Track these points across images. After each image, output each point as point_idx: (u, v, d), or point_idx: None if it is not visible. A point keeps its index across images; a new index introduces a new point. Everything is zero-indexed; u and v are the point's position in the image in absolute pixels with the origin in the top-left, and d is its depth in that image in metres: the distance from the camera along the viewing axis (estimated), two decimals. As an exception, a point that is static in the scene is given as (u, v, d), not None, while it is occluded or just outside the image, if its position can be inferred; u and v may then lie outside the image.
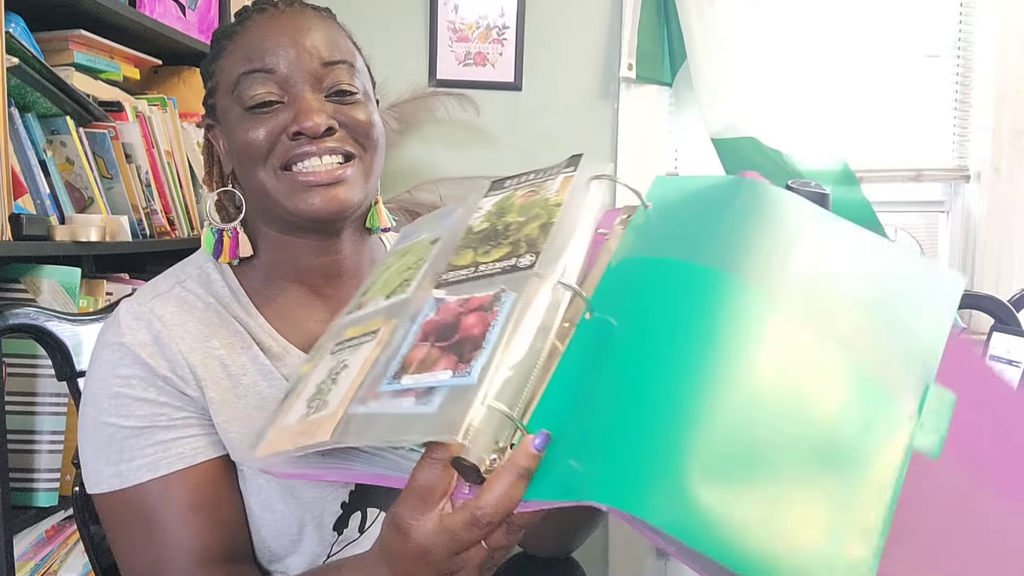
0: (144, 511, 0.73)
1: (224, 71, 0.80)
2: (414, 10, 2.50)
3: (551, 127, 2.52)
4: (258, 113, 0.77)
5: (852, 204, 2.42)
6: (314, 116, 0.76)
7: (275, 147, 0.77)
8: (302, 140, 0.76)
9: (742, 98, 2.39)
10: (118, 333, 0.76)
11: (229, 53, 0.80)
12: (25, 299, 1.32)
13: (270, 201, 0.79)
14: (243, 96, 0.77)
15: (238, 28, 0.80)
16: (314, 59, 0.77)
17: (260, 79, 0.77)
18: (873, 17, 2.52)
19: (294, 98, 0.77)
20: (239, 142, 0.78)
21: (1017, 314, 1.66)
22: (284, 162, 0.77)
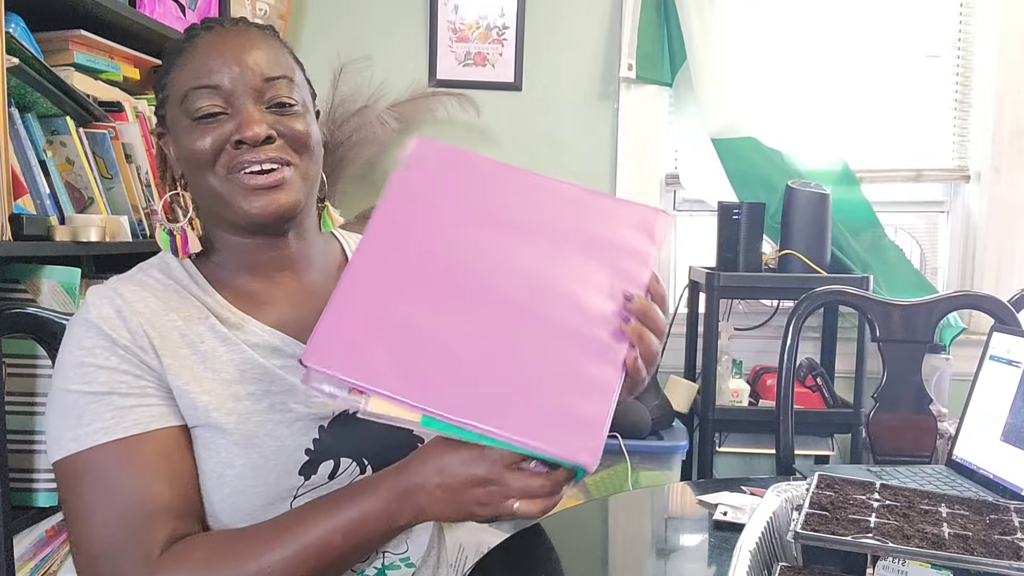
0: (101, 473, 0.77)
1: (174, 84, 0.87)
2: (414, 10, 2.50)
3: (551, 127, 2.52)
4: (204, 123, 0.85)
5: (852, 204, 2.42)
6: (254, 126, 0.84)
7: (220, 155, 0.85)
8: (244, 148, 0.84)
9: (742, 98, 2.39)
10: (84, 311, 0.83)
11: (178, 68, 0.87)
12: (25, 299, 1.32)
13: (219, 204, 0.87)
14: (190, 108, 0.85)
15: (187, 45, 0.88)
16: (256, 75, 0.85)
17: (206, 94, 0.85)
18: (873, 17, 2.52)
19: (237, 110, 0.85)
20: (187, 150, 0.86)
21: (1017, 314, 1.66)
22: (229, 168, 0.85)
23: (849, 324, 2.40)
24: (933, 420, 1.72)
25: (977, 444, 1.37)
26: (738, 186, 2.40)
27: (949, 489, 1.29)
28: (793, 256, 2.23)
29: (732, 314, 2.52)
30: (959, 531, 0.86)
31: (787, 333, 1.66)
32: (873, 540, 0.82)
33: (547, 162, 2.51)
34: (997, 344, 1.39)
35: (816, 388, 2.29)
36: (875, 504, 0.93)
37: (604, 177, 2.53)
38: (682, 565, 1.11)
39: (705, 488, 1.31)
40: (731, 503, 1.21)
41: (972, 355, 1.50)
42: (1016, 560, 0.79)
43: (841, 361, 2.43)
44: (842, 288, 1.77)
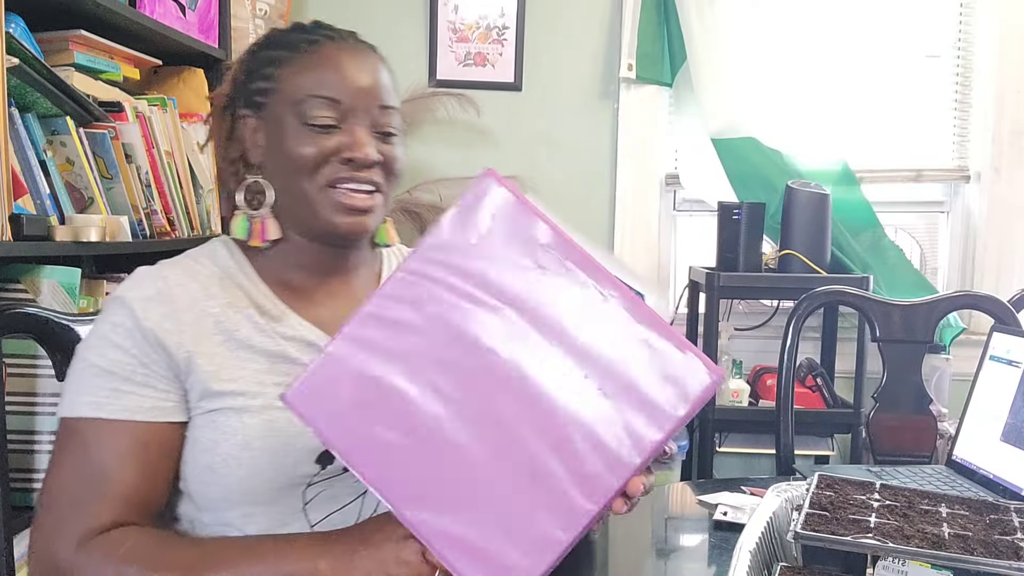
0: (80, 441, 0.82)
1: (290, 82, 0.89)
2: (414, 10, 2.50)
3: (551, 127, 2.52)
4: (315, 131, 0.88)
5: (852, 204, 2.42)
6: (366, 148, 0.88)
7: (324, 166, 0.88)
8: (351, 166, 0.88)
9: (742, 98, 2.39)
10: (126, 287, 0.87)
11: (299, 68, 0.90)
12: (25, 299, 1.32)
13: (305, 208, 0.89)
14: (306, 113, 0.88)
15: (309, 48, 0.90)
16: (374, 101, 0.90)
17: (326, 105, 0.88)
18: (873, 17, 2.52)
19: (350, 128, 0.89)
20: (291, 151, 0.88)
21: (1017, 314, 1.66)
22: (331, 181, 0.88)
23: (849, 324, 2.40)
24: (933, 420, 1.72)
25: (977, 444, 1.37)
26: (738, 186, 2.40)
27: (949, 489, 1.29)
28: (793, 256, 2.23)
29: (732, 314, 2.52)
30: (959, 531, 0.86)
31: (787, 333, 1.66)
32: (873, 540, 0.82)
33: (547, 162, 2.51)
34: (997, 344, 1.39)
35: (816, 388, 2.29)
36: (875, 504, 0.93)
37: (604, 177, 2.53)
38: (682, 565, 1.11)
39: (705, 488, 1.31)
40: (731, 503, 1.21)
41: (972, 355, 1.50)
42: (1016, 560, 0.79)
43: (841, 361, 2.43)
44: (842, 288, 1.77)
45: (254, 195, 0.92)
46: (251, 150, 0.93)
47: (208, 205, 1.94)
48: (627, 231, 2.53)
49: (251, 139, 0.92)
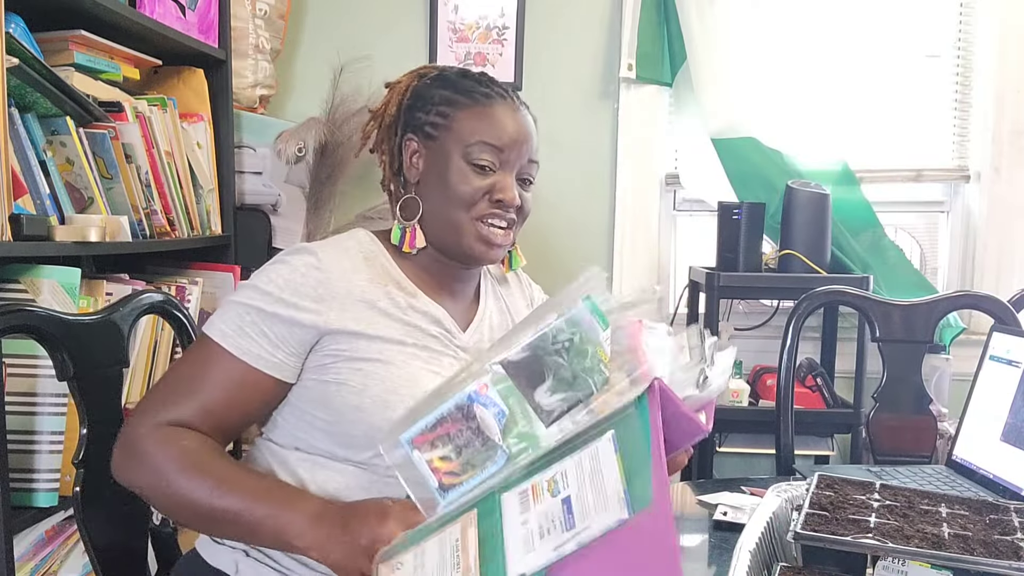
0: (202, 354, 0.99)
1: (463, 125, 1.06)
2: (414, 10, 2.50)
3: (551, 127, 2.51)
4: (476, 170, 1.05)
5: (852, 204, 2.42)
6: (512, 192, 1.06)
7: (478, 203, 1.05)
8: (498, 206, 1.05)
9: (742, 98, 2.39)
10: (291, 254, 1.02)
11: (474, 115, 1.06)
12: (25, 299, 1.32)
13: (450, 232, 1.06)
14: (472, 154, 1.05)
15: (484, 100, 1.08)
16: (525, 155, 1.08)
17: (491, 151, 1.05)
18: (873, 17, 2.52)
19: (503, 175, 1.06)
20: (453, 183, 1.05)
21: (1017, 314, 1.66)
22: (481, 216, 1.05)
23: (849, 324, 2.40)
24: (933, 420, 1.72)
25: (977, 444, 1.37)
26: (738, 186, 2.40)
27: (949, 489, 1.29)
28: (793, 256, 2.23)
29: (732, 314, 2.52)
30: (959, 531, 0.86)
31: (787, 333, 1.66)
32: (873, 540, 0.82)
33: (547, 162, 2.49)
34: (997, 344, 1.39)
35: (816, 388, 2.29)
36: (875, 504, 0.93)
37: (604, 177, 2.53)
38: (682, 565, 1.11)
39: (705, 488, 1.31)
40: (731, 503, 1.21)
41: (972, 355, 1.50)
42: (1016, 560, 0.79)
43: (841, 361, 2.42)
44: (842, 288, 1.77)
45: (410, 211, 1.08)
46: (409, 169, 1.09)
47: (208, 205, 1.94)
48: (627, 231, 2.53)
49: (410, 160, 1.09)
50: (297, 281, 0.99)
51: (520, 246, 1.17)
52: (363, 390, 0.97)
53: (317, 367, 1.00)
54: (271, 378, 0.99)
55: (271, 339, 0.98)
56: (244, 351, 0.97)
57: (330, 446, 1.00)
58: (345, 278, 1.01)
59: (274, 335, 0.98)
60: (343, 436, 0.99)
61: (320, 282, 0.99)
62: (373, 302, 1.01)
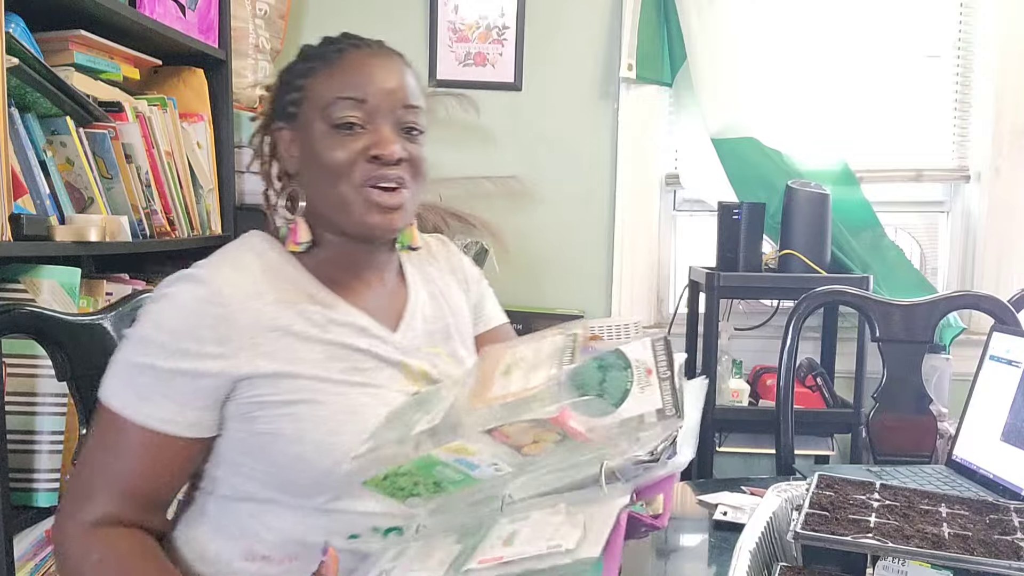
0: (107, 428, 0.88)
1: (317, 89, 0.94)
2: (414, 10, 2.50)
3: (551, 127, 2.52)
4: (343, 132, 0.92)
5: (852, 204, 2.42)
6: (391, 145, 0.92)
7: (354, 167, 0.92)
8: (378, 164, 0.92)
9: (742, 98, 2.39)
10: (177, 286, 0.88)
11: (326, 76, 0.94)
12: (25, 299, 1.32)
13: (340, 210, 0.93)
14: (333, 115, 0.92)
15: (335, 56, 0.95)
16: (399, 100, 0.94)
17: (352, 105, 0.92)
18: (873, 17, 2.52)
19: (376, 128, 0.93)
20: (323, 156, 0.92)
21: (1017, 314, 1.66)
22: (364, 180, 0.92)
23: (849, 324, 2.40)
24: (933, 420, 1.72)
25: (977, 444, 1.37)
26: (738, 186, 2.40)
27: (949, 489, 1.29)
28: (793, 256, 2.23)
29: (732, 314, 2.52)
30: (959, 531, 0.86)
31: (787, 333, 1.66)
32: (873, 540, 0.82)
33: (547, 162, 2.51)
34: (997, 344, 1.39)
35: (816, 388, 2.29)
36: (875, 504, 0.93)
37: (604, 177, 2.53)
38: (682, 565, 1.11)
39: (705, 488, 1.31)
40: (731, 503, 1.21)
41: (972, 355, 1.50)
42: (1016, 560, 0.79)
43: (841, 361, 2.42)
44: (842, 288, 1.77)
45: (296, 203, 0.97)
46: (287, 160, 0.98)
47: (208, 205, 1.94)
48: (627, 231, 2.53)
49: (287, 151, 0.97)
50: (191, 323, 0.86)
51: (519, 246, 1.13)
52: (300, 437, 0.86)
53: (241, 416, 0.89)
54: (188, 439, 0.88)
55: (175, 398, 0.86)
56: (149, 417, 0.86)
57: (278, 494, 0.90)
58: (247, 307, 0.87)
59: (177, 394, 0.86)
60: (289, 484, 0.89)
61: (219, 318, 0.86)
62: (287, 328, 0.89)
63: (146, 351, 0.86)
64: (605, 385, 0.78)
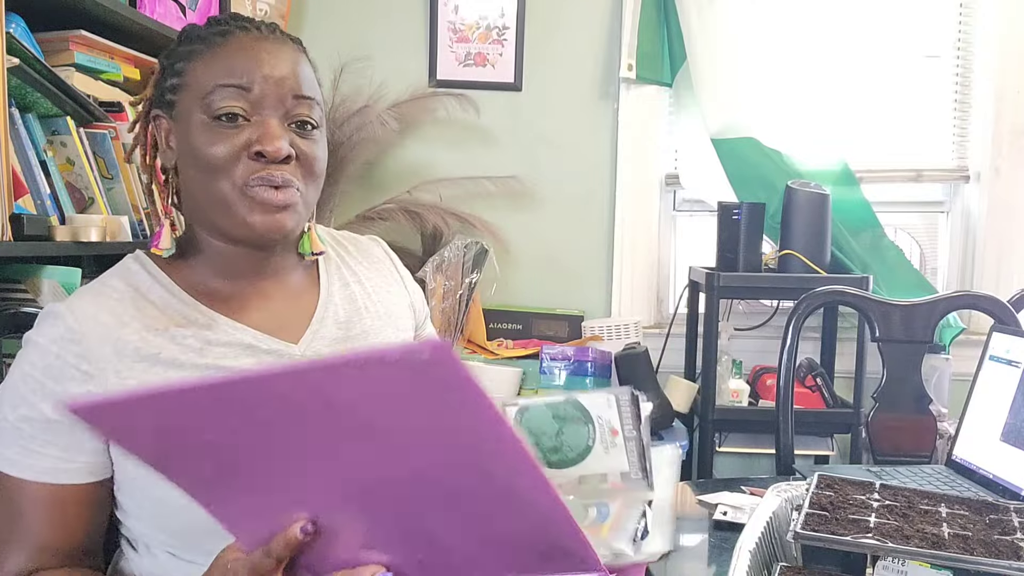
0: (7, 494, 0.82)
1: (196, 74, 0.84)
2: (414, 10, 2.50)
3: (551, 127, 2.52)
4: (224, 125, 0.82)
5: (852, 204, 2.42)
6: (277, 141, 0.82)
7: (236, 164, 0.82)
8: (263, 161, 0.82)
9: (742, 98, 2.39)
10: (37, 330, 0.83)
11: (205, 60, 0.84)
12: (25, 299, 1.32)
13: (220, 210, 0.84)
14: (213, 105, 0.82)
15: (218, 39, 0.85)
16: (287, 90, 0.84)
17: (234, 94, 0.82)
18: (873, 17, 2.52)
19: (261, 120, 0.83)
20: (201, 151, 0.83)
21: (1017, 314, 1.66)
22: (244, 180, 0.83)
23: (849, 324, 2.40)
24: (933, 420, 1.72)
25: (977, 444, 1.37)
26: (738, 186, 2.40)
27: (949, 489, 1.29)
28: (793, 256, 2.23)
29: (732, 314, 2.52)
30: (959, 531, 0.86)
31: (787, 333, 1.66)
32: (873, 540, 0.82)
33: (547, 162, 2.51)
34: (997, 344, 1.39)
35: (816, 388, 2.29)
36: (875, 504, 0.93)
37: (604, 177, 2.53)
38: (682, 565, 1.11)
39: (705, 488, 1.31)
40: (731, 503, 1.21)
41: (972, 355, 1.50)
42: (1016, 560, 0.79)
43: (841, 361, 2.43)
44: (842, 288, 1.77)
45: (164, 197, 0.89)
46: (164, 153, 0.88)
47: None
48: (627, 231, 2.53)
49: (164, 142, 0.88)
50: (53, 365, 0.79)
51: (519, 246, 1.06)
52: None
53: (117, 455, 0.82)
54: (88, 485, 0.82)
55: (62, 446, 0.80)
56: (42, 471, 0.80)
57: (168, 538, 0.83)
58: (108, 337, 0.81)
59: (62, 441, 0.80)
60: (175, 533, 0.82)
61: (81, 356, 0.80)
62: (155, 356, 0.81)
63: (18, 404, 0.80)
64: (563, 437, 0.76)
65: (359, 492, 0.61)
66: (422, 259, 2.29)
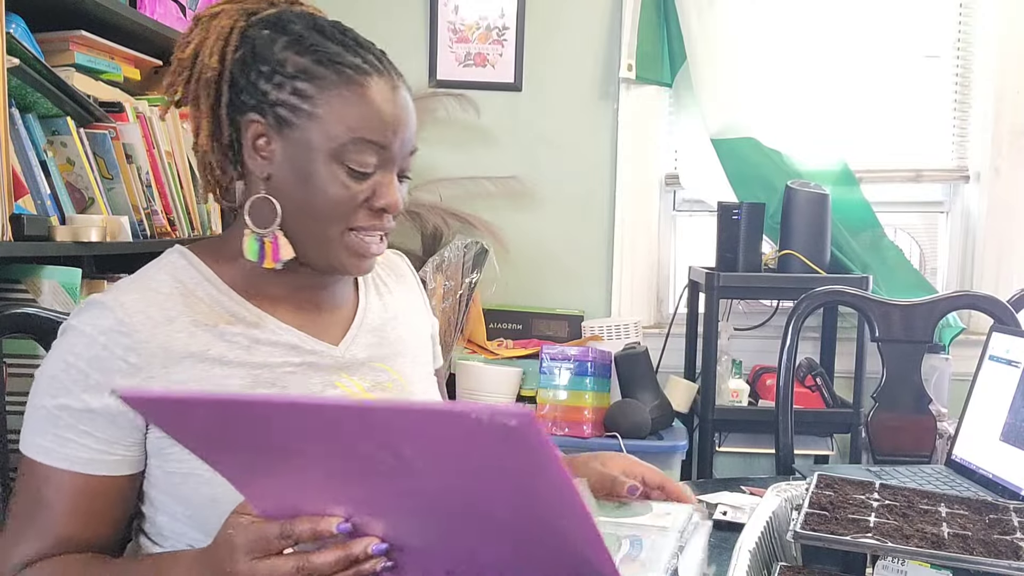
0: (32, 478, 0.82)
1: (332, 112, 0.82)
2: (414, 10, 2.50)
3: (551, 128, 2.52)
4: (353, 174, 0.83)
5: (852, 204, 2.42)
6: (396, 196, 0.85)
7: (353, 213, 0.84)
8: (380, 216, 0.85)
9: (742, 98, 2.39)
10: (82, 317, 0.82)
11: (346, 102, 0.82)
12: (26, 299, 1.32)
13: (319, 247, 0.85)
14: (347, 155, 0.82)
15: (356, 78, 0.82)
16: (408, 147, 0.87)
17: (371, 150, 0.83)
18: (873, 17, 2.52)
19: (383, 175, 0.85)
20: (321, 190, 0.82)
21: (1016, 314, 1.66)
22: (352, 225, 0.85)
23: (849, 324, 2.41)
24: (932, 420, 1.72)
25: (976, 444, 1.37)
26: (738, 186, 2.40)
27: (948, 489, 1.29)
28: (793, 256, 2.24)
29: (732, 314, 2.52)
30: (958, 531, 0.86)
31: (787, 333, 1.66)
32: (872, 540, 0.82)
33: (547, 162, 2.51)
34: (996, 344, 1.39)
35: (816, 388, 2.29)
36: (874, 504, 0.93)
37: (604, 177, 2.53)
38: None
39: (705, 488, 1.31)
40: (731, 503, 1.21)
41: (972, 355, 1.50)
42: (1016, 560, 0.79)
43: (841, 361, 2.43)
44: (842, 288, 1.77)
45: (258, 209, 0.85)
46: (251, 158, 0.85)
47: (208, 205, 1.94)
48: (627, 231, 2.53)
49: (253, 145, 0.84)
50: (100, 356, 0.80)
51: (519, 246, 1.09)
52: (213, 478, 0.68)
53: (156, 452, 0.83)
54: (121, 477, 0.82)
55: (98, 437, 0.80)
56: (75, 461, 0.80)
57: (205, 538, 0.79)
58: (157, 332, 0.81)
59: (99, 432, 0.80)
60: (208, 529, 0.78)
61: (129, 348, 0.80)
62: (203, 353, 0.82)
63: (57, 392, 0.80)
64: None
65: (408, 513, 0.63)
66: (422, 259, 2.29)
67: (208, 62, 0.85)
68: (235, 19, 0.86)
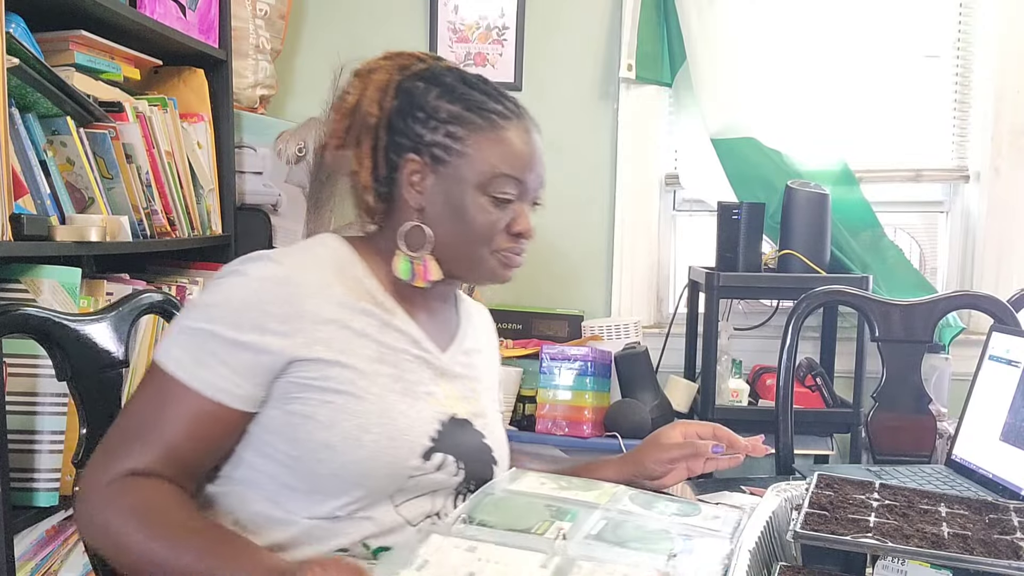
0: (156, 388, 0.89)
1: (481, 151, 0.97)
2: (414, 10, 2.50)
3: (551, 127, 2.48)
4: (496, 204, 0.97)
5: (852, 204, 2.42)
6: (529, 224, 1.00)
7: (497, 237, 0.98)
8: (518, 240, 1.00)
9: (742, 98, 2.40)
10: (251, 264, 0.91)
11: (492, 142, 0.97)
12: (25, 299, 1.32)
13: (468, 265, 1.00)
14: (493, 188, 0.96)
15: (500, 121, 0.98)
16: (541, 183, 1.02)
17: (512, 184, 0.97)
18: (873, 17, 2.53)
19: (520, 206, 0.99)
20: (471, 217, 0.97)
21: (1016, 314, 1.66)
22: (497, 248, 0.99)
23: (849, 324, 2.41)
24: (932, 420, 1.72)
25: (976, 444, 1.37)
26: (738, 186, 2.40)
27: (948, 489, 1.29)
28: (793, 256, 2.24)
29: (732, 314, 2.53)
30: (958, 531, 0.86)
31: (787, 333, 1.66)
32: (872, 540, 0.82)
33: (547, 162, 2.50)
34: (996, 344, 1.39)
35: (816, 388, 2.29)
36: (874, 504, 0.93)
37: (604, 177, 2.53)
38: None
39: (705, 487, 1.31)
40: (731, 503, 1.21)
41: (972, 355, 1.50)
42: (1015, 560, 0.79)
43: (841, 361, 2.43)
44: (842, 288, 1.77)
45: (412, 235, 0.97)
46: (407, 190, 0.98)
47: (208, 205, 1.94)
48: (627, 231, 2.53)
49: (408, 179, 0.97)
50: (262, 299, 0.88)
51: None
52: (332, 426, 0.88)
53: (282, 395, 0.90)
54: (238, 411, 0.89)
55: (234, 368, 0.87)
56: (205, 383, 0.87)
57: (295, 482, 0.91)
58: (316, 294, 0.91)
59: (238, 364, 0.87)
60: (307, 475, 0.90)
61: (287, 300, 0.89)
62: (347, 322, 0.92)
63: (211, 318, 0.88)
64: None
65: None
66: (422, 259, 2.29)
67: (369, 110, 0.98)
68: (391, 74, 1.00)
